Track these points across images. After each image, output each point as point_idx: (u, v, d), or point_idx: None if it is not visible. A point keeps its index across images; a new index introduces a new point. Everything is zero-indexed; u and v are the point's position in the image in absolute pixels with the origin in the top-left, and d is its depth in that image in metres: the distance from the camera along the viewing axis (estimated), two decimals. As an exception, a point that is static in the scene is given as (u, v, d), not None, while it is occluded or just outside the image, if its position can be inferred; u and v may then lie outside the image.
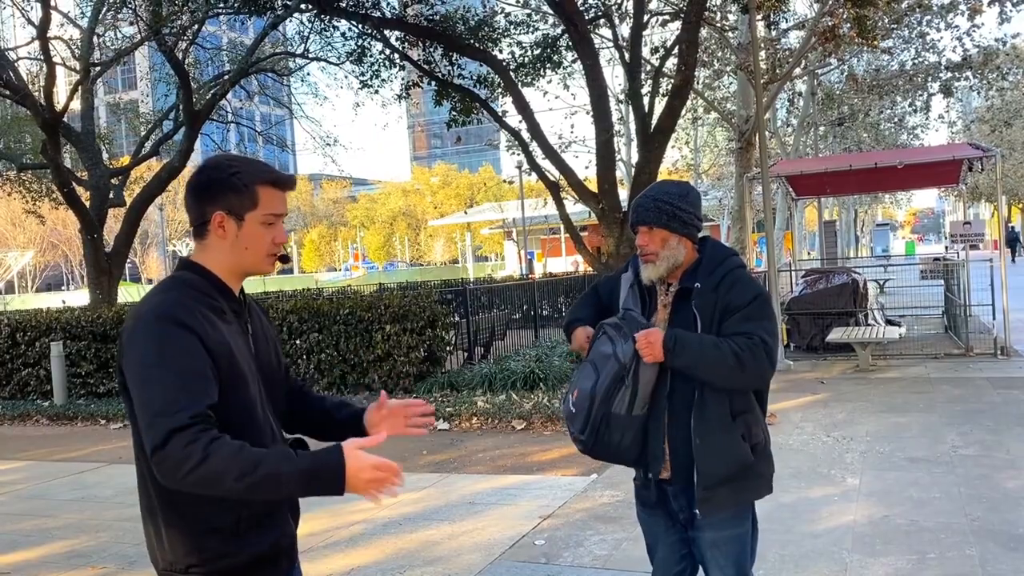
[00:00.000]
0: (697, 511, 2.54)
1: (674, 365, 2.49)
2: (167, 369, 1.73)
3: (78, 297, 29.75)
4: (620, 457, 2.61)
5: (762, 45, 15.27)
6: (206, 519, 1.82)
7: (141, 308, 1.86)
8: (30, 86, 15.56)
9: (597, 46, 12.61)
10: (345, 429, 2.10)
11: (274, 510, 1.93)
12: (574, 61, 13.89)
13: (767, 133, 16.52)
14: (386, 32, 12.90)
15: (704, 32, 15.44)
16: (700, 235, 2.69)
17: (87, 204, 15.39)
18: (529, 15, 15.02)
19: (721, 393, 2.51)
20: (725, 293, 2.53)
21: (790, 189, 14.77)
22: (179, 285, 1.89)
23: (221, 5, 13.27)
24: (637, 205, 2.65)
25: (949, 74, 18.90)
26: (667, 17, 15.30)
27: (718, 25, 16.35)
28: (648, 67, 15.08)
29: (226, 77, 16.96)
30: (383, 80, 14.07)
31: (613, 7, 13.42)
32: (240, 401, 1.87)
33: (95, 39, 16.30)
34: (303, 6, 12.72)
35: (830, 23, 13.85)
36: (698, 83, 17.75)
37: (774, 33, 17.24)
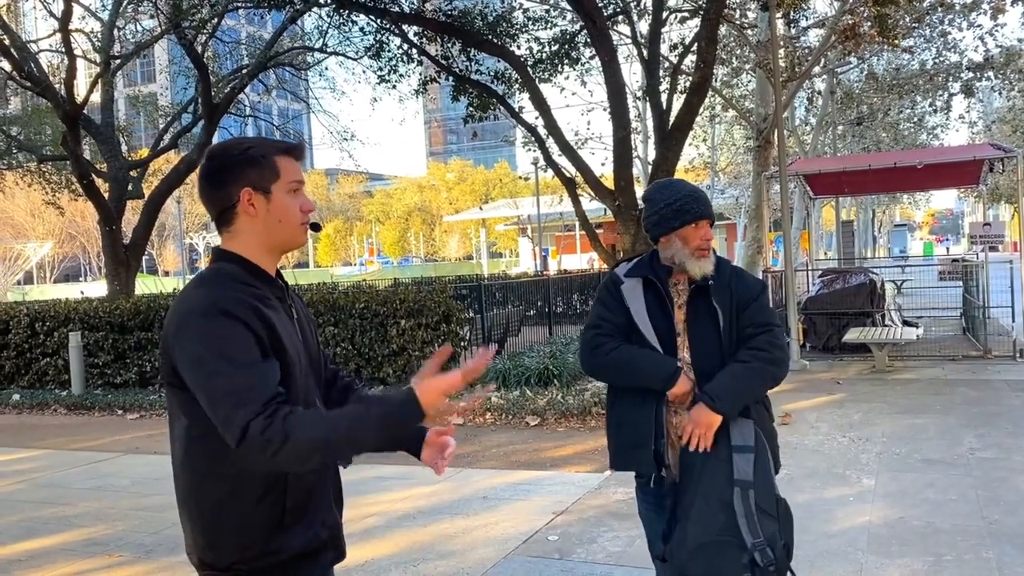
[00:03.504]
0: None
1: (730, 412, 2.55)
2: (228, 363, 1.70)
3: (97, 288, 30.00)
4: None
5: (781, 43, 15.18)
6: (251, 515, 1.80)
7: (187, 304, 1.81)
8: (51, 78, 15.69)
9: (615, 43, 12.57)
10: None
11: (318, 500, 1.91)
12: (592, 57, 13.86)
13: (785, 132, 16.42)
14: (404, 27, 12.91)
15: (723, 29, 15.36)
16: None
17: (106, 196, 15.51)
18: (547, 11, 15.02)
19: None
20: (736, 286, 2.68)
21: (808, 188, 14.69)
22: (219, 277, 1.84)
23: (241, -1, 13.33)
24: (700, 198, 2.70)
25: (970, 74, 18.73)
26: (686, 14, 15.24)
27: (737, 22, 16.26)
28: (666, 64, 15.02)
29: (244, 71, 17.04)
30: (401, 75, 14.08)
31: (632, 4, 13.37)
32: (299, 386, 1.85)
33: (116, 32, 16.42)
34: (322, 0, 12.76)
35: (850, 21, 13.76)
36: (716, 80, 17.67)
37: (793, 31, 17.14)
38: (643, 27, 14.08)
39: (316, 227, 1.96)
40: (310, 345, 1.97)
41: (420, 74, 14.65)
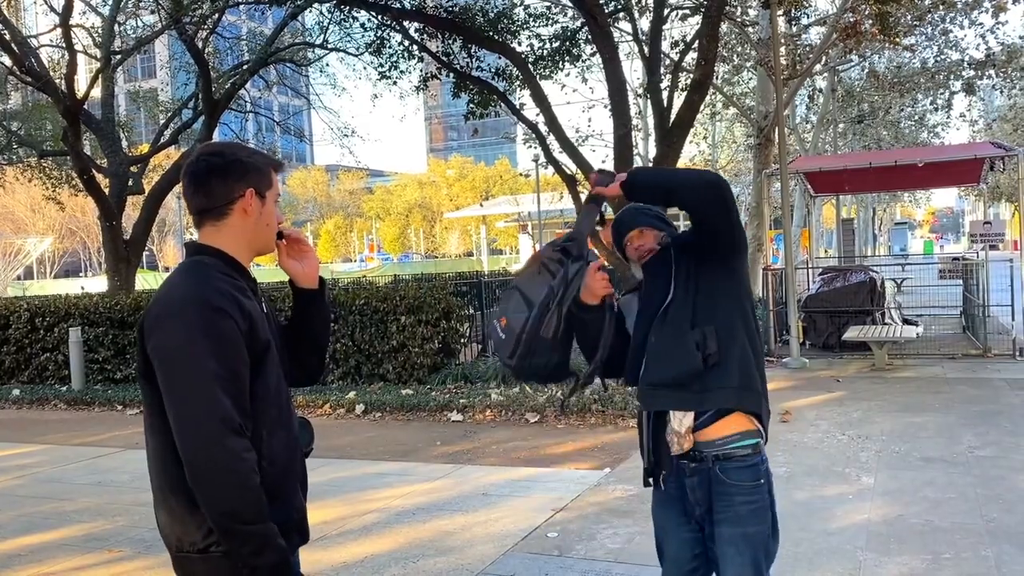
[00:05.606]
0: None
1: (637, 181, 2.53)
2: (208, 362, 1.76)
3: (97, 283, 29.99)
4: (549, 378, 2.66)
5: (783, 41, 15.15)
6: None
7: (168, 294, 1.87)
8: (52, 73, 15.68)
9: (616, 40, 12.56)
10: (299, 306, 2.17)
11: (287, 484, 1.97)
12: (593, 55, 13.86)
13: (786, 129, 16.40)
14: (405, 23, 12.91)
15: (724, 27, 15.34)
16: None
17: (106, 191, 15.51)
18: (548, 8, 14.99)
19: (685, 305, 2.52)
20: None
21: (808, 186, 14.69)
22: (201, 268, 1.90)
23: (241, -6, 13.32)
24: (621, 219, 2.85)
25: (972, 72, 18.71)
26: (687, 11, 15.24)
27: (738, 20, 16.24)
28: (667, 61, 15.01)
29: (245, 67, 17.02)
30: (402, 72, 14.09)
31: (633, 1, 13.36)
32: (273, 375, 1.92)
33: (116, 27, 16.41)
34: (323, -4, 12.76)
35: (852, 19, 13.73)
36: (717, 78, 17.65)
37: (795, 29, 17.11)
38: (644, 24, 14.07)
39: (281, 235, 2.10)
40: (278, 338, 2.06)
41: (421, 70, 14.65)
